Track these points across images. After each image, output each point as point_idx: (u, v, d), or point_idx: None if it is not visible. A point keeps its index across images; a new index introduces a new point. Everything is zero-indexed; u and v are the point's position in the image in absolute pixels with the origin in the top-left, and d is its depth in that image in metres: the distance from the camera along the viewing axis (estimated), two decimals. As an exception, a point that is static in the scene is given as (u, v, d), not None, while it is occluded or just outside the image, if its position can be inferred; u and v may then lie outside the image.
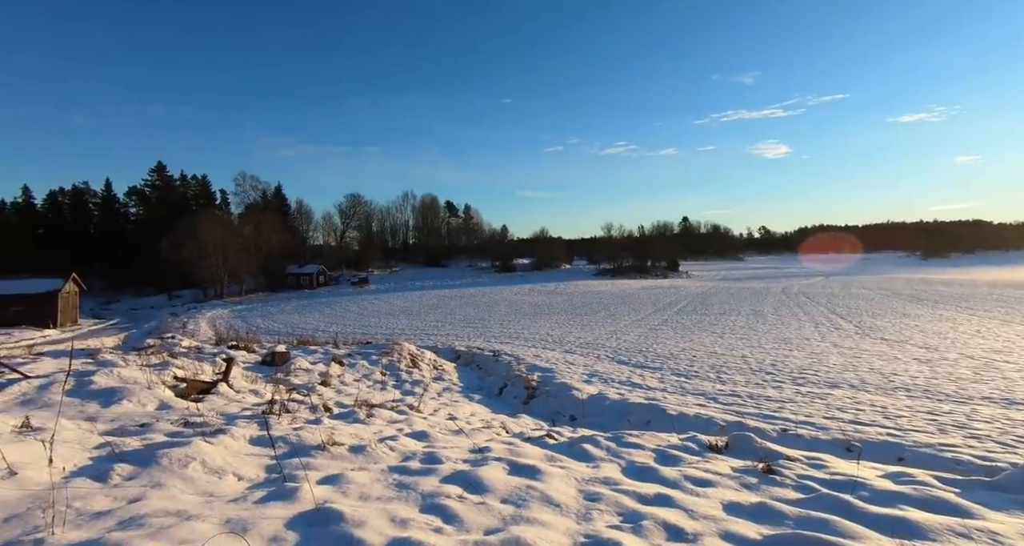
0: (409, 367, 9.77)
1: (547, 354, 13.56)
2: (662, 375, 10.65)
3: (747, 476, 3.54)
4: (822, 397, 8.50)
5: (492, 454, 3.62)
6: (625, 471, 3.57)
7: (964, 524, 2.56)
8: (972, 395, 8.42)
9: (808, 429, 6.61)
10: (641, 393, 8.91)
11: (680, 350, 13.89)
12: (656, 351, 13.85)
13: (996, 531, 2.51)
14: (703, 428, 6.42)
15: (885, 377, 9.96)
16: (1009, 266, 67.81)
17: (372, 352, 10.25)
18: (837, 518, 2.68)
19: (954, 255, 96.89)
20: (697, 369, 11.18)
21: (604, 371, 11.15)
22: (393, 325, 23.10)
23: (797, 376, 10.21)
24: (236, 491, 2.58)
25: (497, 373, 10.88)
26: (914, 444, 5.82)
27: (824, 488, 3.22)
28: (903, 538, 2.46)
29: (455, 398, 8.01)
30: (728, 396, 8.74)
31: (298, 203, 72.93)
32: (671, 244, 77.86)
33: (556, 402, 8.35)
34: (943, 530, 2.53)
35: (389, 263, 72.09)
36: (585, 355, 13.55)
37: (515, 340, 16.78)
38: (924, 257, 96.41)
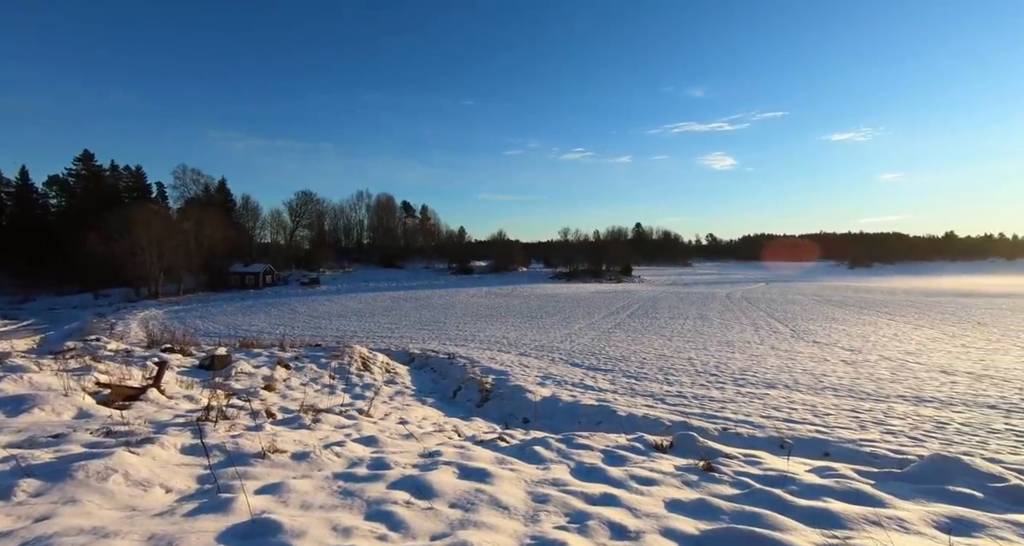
0: (360, 370, 9.50)
1: (502, 357, 13.58)
2: (613, 377, 10.92)
3: (689, 474, 3.69)
4: (760, 397, 8.99)
5: (442, 458, 3.58)
6: (574, 472, 3.63)
7: (877, 513, 2.79)
8: (889, 394, 9.18)
9: (746, 428, 6.97)
10: (593, 395, 9.09)
11: (631, 353, 14.29)
12: (608, 354, 14.19)
13: (903, 518, 2.74)
14: (651, 428, 6.64)
15: (815, 378, 10.67)
16: (924, 276, 74.56)
17: (321, 355, 9.89)
18: (768, 512, 2.84)
19: (877, 265, 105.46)
20: (646, 371, 11.54)
21: (558, 373, 11.29)
22: (345, 327, 22.40)
23: (738, 377, 10.75)
24: (163, 504, 2.41)
25: (452, 376, 10.78)
26: (838, 440, 6.26)
27: (758, 484, 3.40)
28: (825, 528, 2.64)
29: (407, 402, 7.87)
30: (675, 397, 9.07)
31: (245, 199, 69.52)
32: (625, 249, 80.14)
33: (510, 405, 8.37)
34: (860, 519, 2.73)
35: (342, 263, 69.92)
36: (540, 357, 13.68)
37: (471, 342, 16.70)
38: (851, 266, 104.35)
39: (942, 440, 6.35)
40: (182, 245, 46.24)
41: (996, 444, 6.18)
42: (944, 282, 57.97)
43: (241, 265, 54.68)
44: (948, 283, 55.90)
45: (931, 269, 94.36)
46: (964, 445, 6.11)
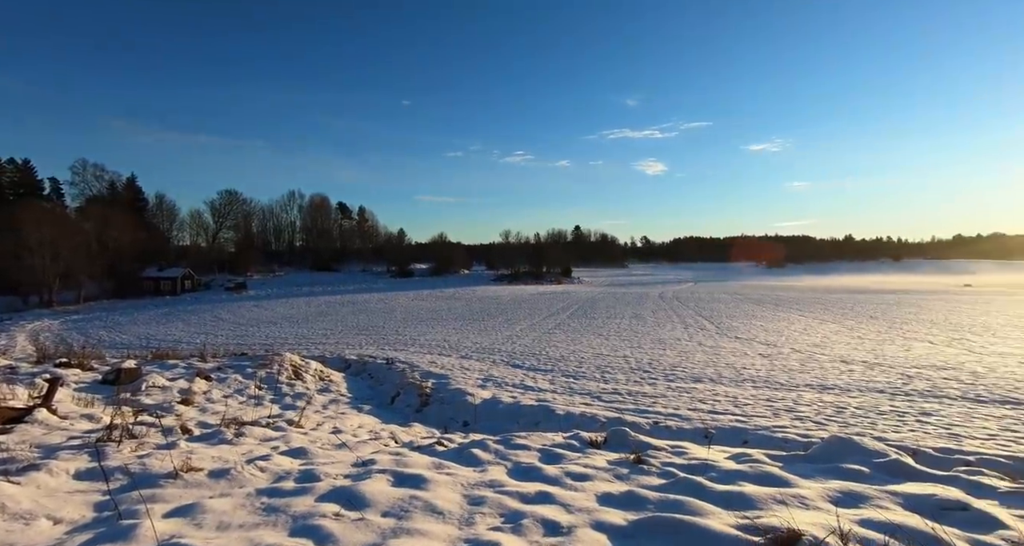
0: (291, 379, 9.02)
1: (443, 360, 13.43)
2: (553, 377, 11.14)
3: (620, 467, 3.84)
4: (688, 391, 9.55)
5: (376, 466, 3.49)
6: (511, 472, 3.66)
7: (782, 492, 3.06)
8: (798, 383, 10.09)
9: (675, 421, 7.38)
10: (533, 395, 9.22)
11: (570, 352, 14.65)
12: (548, 354, 14.46)
13: (804, 496, 3.03)
14: (587, 426, 6.85)
15: (736, 371, 11.50)
16: (827, 275, 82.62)
17: (247, 364, 9.28)
18: (690, 498, 3.03)
19: (789, 265, 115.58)
20: (584, 370, 11.88)
21: (499, 375, 11.34)
22: (275, 334, 21.16)
23: (669, 373, 11.35)
24: (49, 538, 2.16)
25: (390, 381, 10.51)
26: (755, 428, 6.80)
27: (682, 473, 3.61)
28: (739, 510, 2.86)
29: (342, 410, 7.56)
30: (610, 394, 9.42)
31: (159, 198, 63.80)
32: (565, 251, 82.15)
33: (450, 408, 8.29)
34: (768, 499, 2.98)
35: (272, 267, 66.02)
36: (481, 360, 13.67)
37: (411, 347, 16.37)
38: (767, 267, 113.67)
39: (840, 423, 7.07)
40: (82, 247, 41.51)
41: (883, 424, 6.98)
42: (843, 280, 64.63)
43: (155, 270, 50.07)
44: (847, 281, 62.39)
45: (833, 269, 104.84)
46: (858, 426, 6.85)
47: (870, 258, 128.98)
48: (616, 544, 2.52)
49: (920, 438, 6.23)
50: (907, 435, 6.42)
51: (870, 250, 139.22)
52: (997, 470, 4.66)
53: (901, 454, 4.11)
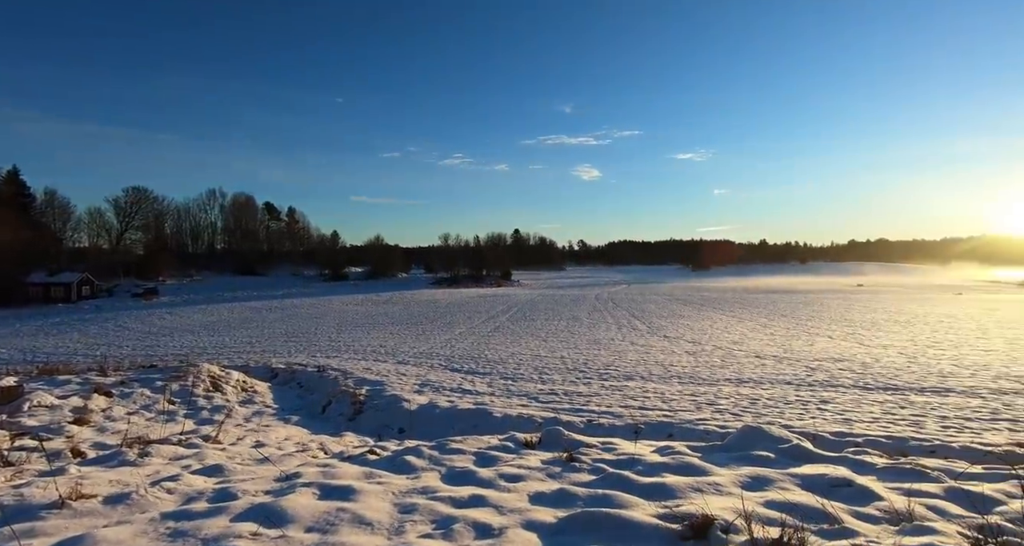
0: (209, 392, 8.35)
1: (379, 366, 13.04)
2: (491, 380, 11.17)
3: (553, 466, 3.93)
4: (620, 389, 9.95)
5: (302, 480, 3.32)
6: (444, 478, 3.63)
7: (699, 481, 3.28)
8: (719, 378, 10.84)
9: (608, 418, 7.66)
10: (471, 399, 9.19)
11: (509, 355, 14.77)
12: (487, 357, 14.47)
13: (719, 483, 3.26)
14: (524, 427, 6.93)
15: (665, 368, 12.15)
16: (745, 277, 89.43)
17: (157, 377, 8.47)
18: (617, 492, 3.16)
19: (713, 268, 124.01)
20: (523, 372, 12.02)
21: (437, 380, 11.19)
22: (192, 344, 19.49)
23: (603, 372, 11.76)
24: None
25: (321, 390, 10.04)
26: (680, 421, 7.22)
27: (611, 468, 3.76)
28: (660, 500, 3.02)
29: (267, 423, 7.11)
30: (548, 394, 9.60)
31: (49, 194, 56.67)
32: (505, 254, 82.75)
33: (385, 415, 8.07)
34: (687, 488, 3.18)
35: (188, 271, 60.82)
36: (419, 365, 13.43)
37: (344, 353, 15.73)
38: (693, 269, 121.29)
39: (754, 413, 7.69)
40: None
41: (789, 412, 7.68)
42: (759, 282, 70.34)
43: (44, 275, 44.38)
44: (762, 282, 67.96)
45: (750, 271, 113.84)
46: (768, 415, 7.48)
47: (781, 261, 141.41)
48: (546, 542, 2.57)
49: (819, 424, 6.92)
50: (809, 422, 7.10)
51: (781, 254, 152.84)
52: (879, 449, 5.28)
53: (802, 439, 4.53)
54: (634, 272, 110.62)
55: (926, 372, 10.74)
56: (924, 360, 12.24)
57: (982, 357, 12.47)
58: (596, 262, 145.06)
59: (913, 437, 6.15)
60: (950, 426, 6.84)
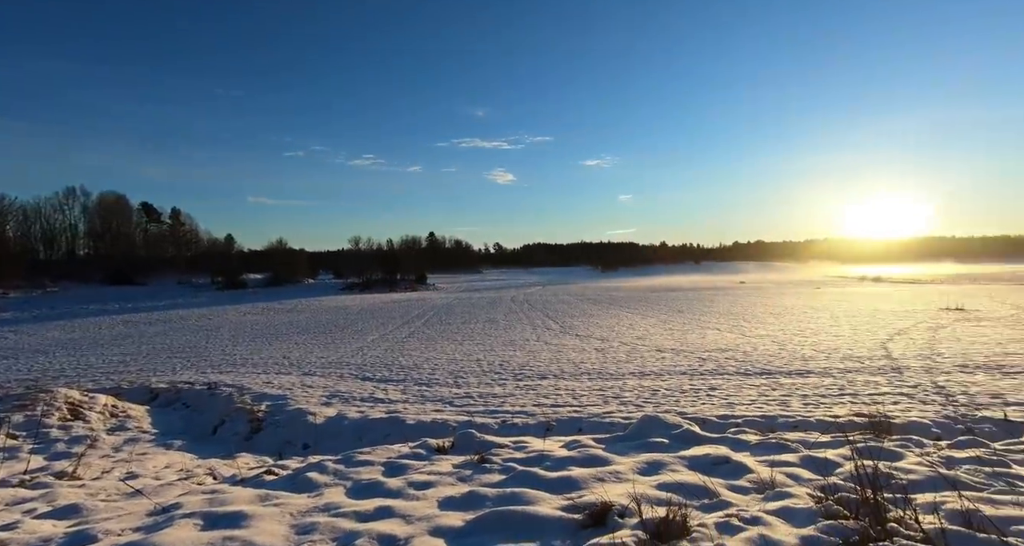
0: (67, 421, 7.18)
1: (281, 379, 12.10)
2: (405, 387, 10.88)
3: (464, 470, 3.93)
4: (534, 388, 10.21)
5: (182, 511, 2.99)
6: (350, 492, 3.47)
7: (602, 471, 3.48)
8: (624, 372, 11.55)
9: (522, 417, 7.82)
10: (383, 408, 8.88)
11: (424, 360, 14.49)
12: (401, 363, 14.08)
13: (619, 471, 3.49)
14: (438, 432, 6.83)
15: (576, 365, 12.68)
16: (648, 276, 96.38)
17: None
18: (525, 489, 3.24)
19: (621, 269, 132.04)
20: (438, 377, 11.86)
21: (346, 390, 10.66)
22: (45, 366, 16.61)
23: (518, 372, 11.98)
24: None
25: (212, 409, 9.09)
26: (589, 416, 7.58)
27: (520, 466, 3.85)
28: (566, 493, 3.16)
29: (143, 450, 6.27)
30: (463, 398, 9.57)
31: None
32: (420, 258, 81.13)
33: (287, 432, 7.51)
34: (590, 479, 3.36)
35: (42, 281, 51.83)
36: (327, 375, 12.68)
37: (241, 367, 14.39)
38: (602, 270, 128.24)
39: (654, 403, 8.31)
40: None
41: (684, 401, 8.41)
42: (660, 281, 76.20)
43: None
44: (662, 281, 73.70)
45: (652, 271, 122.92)
46: (666, 404, 8.12)
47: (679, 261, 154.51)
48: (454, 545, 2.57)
49: (707, 409, 7.66)
50: (699, 407, 7.83)
51: (679, 254, 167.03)
52: (754, 427, 5.98)
53: (692, 424, 4.99)
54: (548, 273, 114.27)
55: (792, 357, 12.36)
56: (791, 347, 14.06)
57: (833, 342, 14.63)
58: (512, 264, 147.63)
59: (781, 415, 7.04)
60: (809, 403, 7.94)
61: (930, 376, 9.53)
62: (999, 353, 11.72)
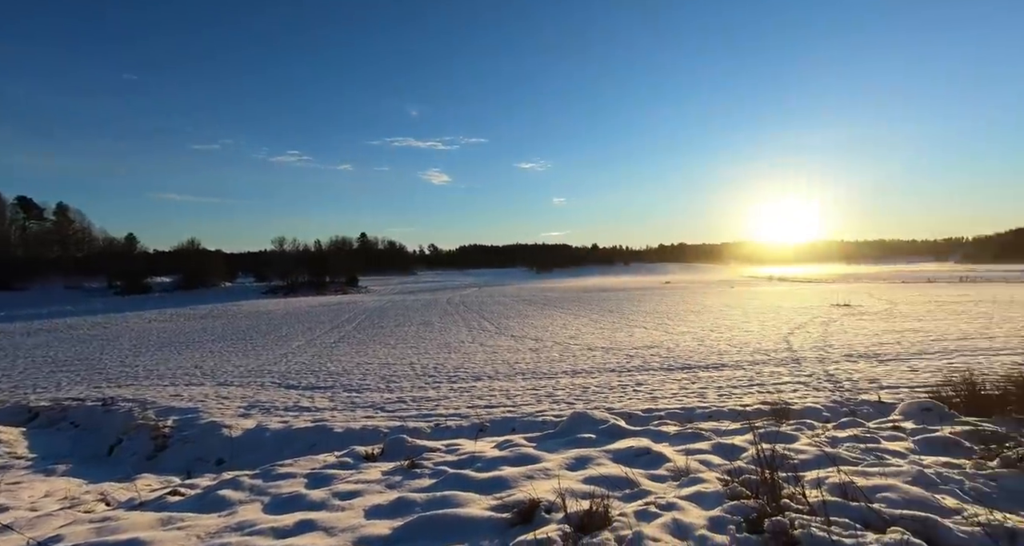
0: (-84, 450, 6.10)
1: (192, 391, 11.11)
2: (333, 394, 10.41)
3: (394, 476, 3.83)
4: (468, 390, 10.17)
5: (64, 544, 2.65)
6: (268, 507, 3.27)
7: (532, 469, 3.54)
8: (557, 371, 11.84)
9: (455, 420, 7.76)
10: (309, 417, 8.43)
11: (355, 365, 13.95)
12: (330, 370, 13.46)
13: (548, 467, 3.57)
14: (368, 439, 6.61)
15: (510, 366, 12.80)
16: (580, 277, 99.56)
17: None
18: (456, 492, 3.22)
19: (555, 270, 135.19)
20: (369, 382, 11.46)
21: (268, 400, 10.00)
22: None
23: (452, 375, 11.88)
24: None
25: (108, 427, 8.15)
26: (522, 415, 7.68)
27: (451, 469, 3.82)
28: (496, 492, 3.18)
29: (17, 478, 5.47)
30: (395, 403, 9.32)
31: None
32: (350, 259, 77.93)
33: (198, 447, 6.90)
34: (520, 477, 3.41)
35: None
36: (246, 385, 11.82)
37: (144, 380, 13.02)
38: (537, 272, 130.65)
39: (585, 400, 8.59)
40: None
41: (612, 397, 8.78)
42: (592, 281, 78.99)
43: None
44: (594, 282, 76.45)
45: (585, 272, 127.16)
46: (596, 401, 8.43)
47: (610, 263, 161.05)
48: (380, 555, 2.50)
49: (633, 404, 8.05)
50: (627, 403, 8.21)
51: (610, 256, 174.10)
52: (674, 419, 6.37)
53: (618, 419, 5.22)
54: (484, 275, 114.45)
55: (709, 352, 13.32)
56: (709, 342, 15.15)
57: (744, 337, 15.96)
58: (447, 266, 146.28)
59: (698, 406, 7.57)
60: (724, 394, 8.60)
61: (822, 365, 10.68)
62: (876, 343, 13.40)
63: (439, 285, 76.59)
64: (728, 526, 2.24)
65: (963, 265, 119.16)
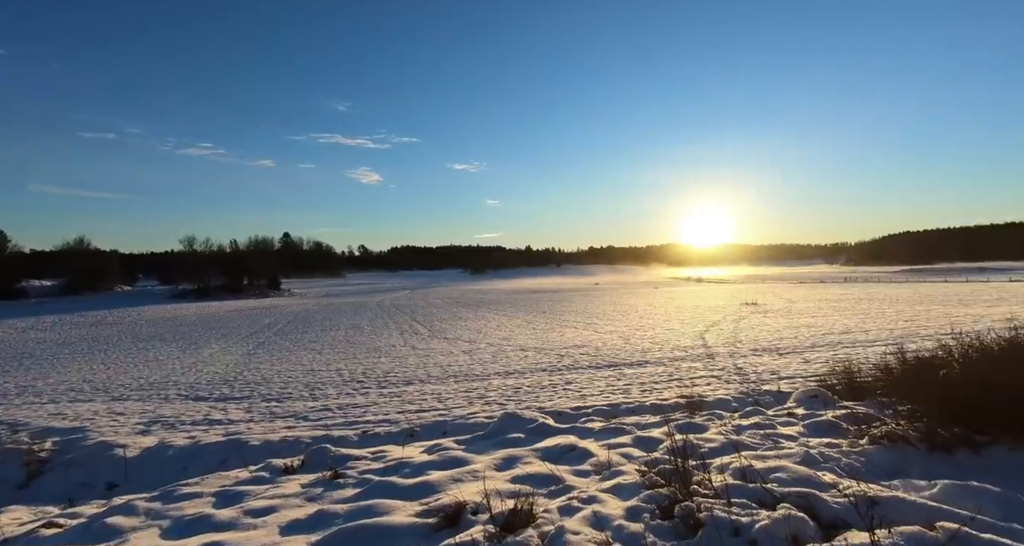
0: None
1: (78, 408, 9.85)
2: (250, 404, 9.70)
3: (315, 488, 3.65)
4: (399, 395, 9.92)
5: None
6: (167, 533, 2.98)
7: (460, 472, 3.53)
8: (490, 372, 11.88)
9: (385, 426, 7.53)
10: (220, 430, 7.79)
11: (275, 373, 13.10)
12: (247, 379, 12.53)
13: (476, 469, 3.57)
14: (288, 451, 6.23)
15: (443, 368, 12.66)
16: (515, 279, 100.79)
17: None
18: (381, 500, 3.13)
19: (489, 272, 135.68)
20: (291, 390, 10.82)
21: (173, 414, 9.10)
22: None
23: (382, 380, 11.52)
24: None
25: (-32, 456, 6.98)
26: (454, 418, 7.62)
27: (377, 477, 3.71)
28: (422, 498, 3.13)
29: None
30: (320, 411, 8.87)
31: None
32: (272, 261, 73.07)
33: (83, 471, 6.12)
34: (448, 481, 3.38)
35: None
36: (146, 399, 10.68)
37: (16, 399, 11.35)
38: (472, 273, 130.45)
39: (516, 401, 8.69)
40: None
41: (543, 396, 8.97)
42: (526, 283, 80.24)
43: None
44: (528, 284, 77.70)
45: (519, 274, 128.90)
46: (527, 401, 8.56)
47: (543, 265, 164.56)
48: (296, 574, 2.37)
49: (563, 402, 8.28)
50: (557, 401, 8.42)
51: (543, 258, 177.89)
52: (600, 416, 6.63)
53: (547, 418, 5.34)
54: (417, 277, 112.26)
55: (634, 350, 14.02)
56: (634, 340, 15.95)
57: (666, 335, 16.99)
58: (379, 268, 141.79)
59: (623, 402, 7.93)
60: (647, 390, 9.09)
61: (733, 360, 11.62)
62: (777, 338, 14.83)
63: (370, 288, 73.99)
64: (643, 514, 2.38)
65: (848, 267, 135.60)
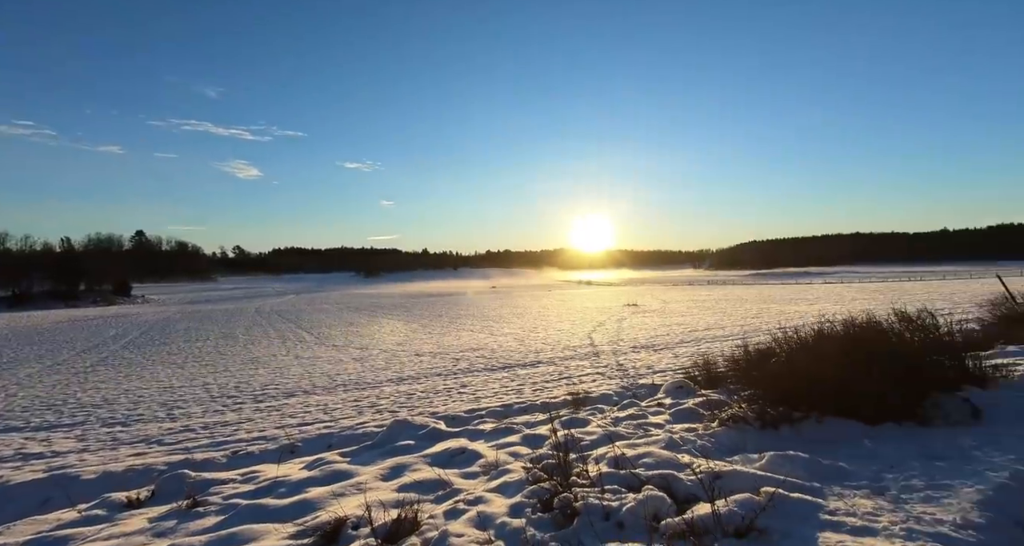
0: None
1: None
2: (85, 431, 8.17)
3: (166, 522, 3.20)
4: (278, 409, 9.09)
5: None
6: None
7: (343, 486, 3.33)
8: (382, 379, 11.43)
9: (260, 444, 6.84)
10: (41, 465, 6.44)
11: (121, 393, 11.21)
12: (81, 401, 10.55)
13: (361, 481, 3.41)
14: (135, 482, 5.36)
15: (331, 378, 11.89)
16: (411, 282, 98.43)
17: None
18: (249, 526, 2.84)
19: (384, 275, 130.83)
20: (142, 411, 9.34)
21: (-30, 452, 7.32)
22: None
23: (259, 393, 10.47)
24: None
25: None
26: (341, 429, 7.18)
27: (246, 500, 3.35)
28: (298, 518, 2.90)
29: None
30: (179, 433, 7.78)
31: None
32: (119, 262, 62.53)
33: None
34: (328, 496, 3.18)
35: None
36: (-70, 435, 8.45)
37: None
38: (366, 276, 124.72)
39: (409, 407, 8.47)
40: None
41: (437, 401, 8.86)
42: (422, 286, 78.81)
43: None
44: (424, 287, 76.39)
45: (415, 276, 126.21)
46: (420, 406, 8.40)
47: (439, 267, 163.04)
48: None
49: (457, 406, 8.26)
50: (451, 406, 8.37)
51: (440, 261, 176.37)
52: (493, 417, 6.73)
53: (439, 423, 5.29)
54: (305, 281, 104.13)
55: (528, 351, 14.50)
56: (528, 341, 16.49)
57: (557, 335, 17.85)
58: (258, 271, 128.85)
59: (515, 402, 8.15)
60: (538, 389, 9.44)
61: (615, 357, 12.58)
62: (653, 335, 16.39)
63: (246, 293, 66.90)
64: (526, 509, 2.46)
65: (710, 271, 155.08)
